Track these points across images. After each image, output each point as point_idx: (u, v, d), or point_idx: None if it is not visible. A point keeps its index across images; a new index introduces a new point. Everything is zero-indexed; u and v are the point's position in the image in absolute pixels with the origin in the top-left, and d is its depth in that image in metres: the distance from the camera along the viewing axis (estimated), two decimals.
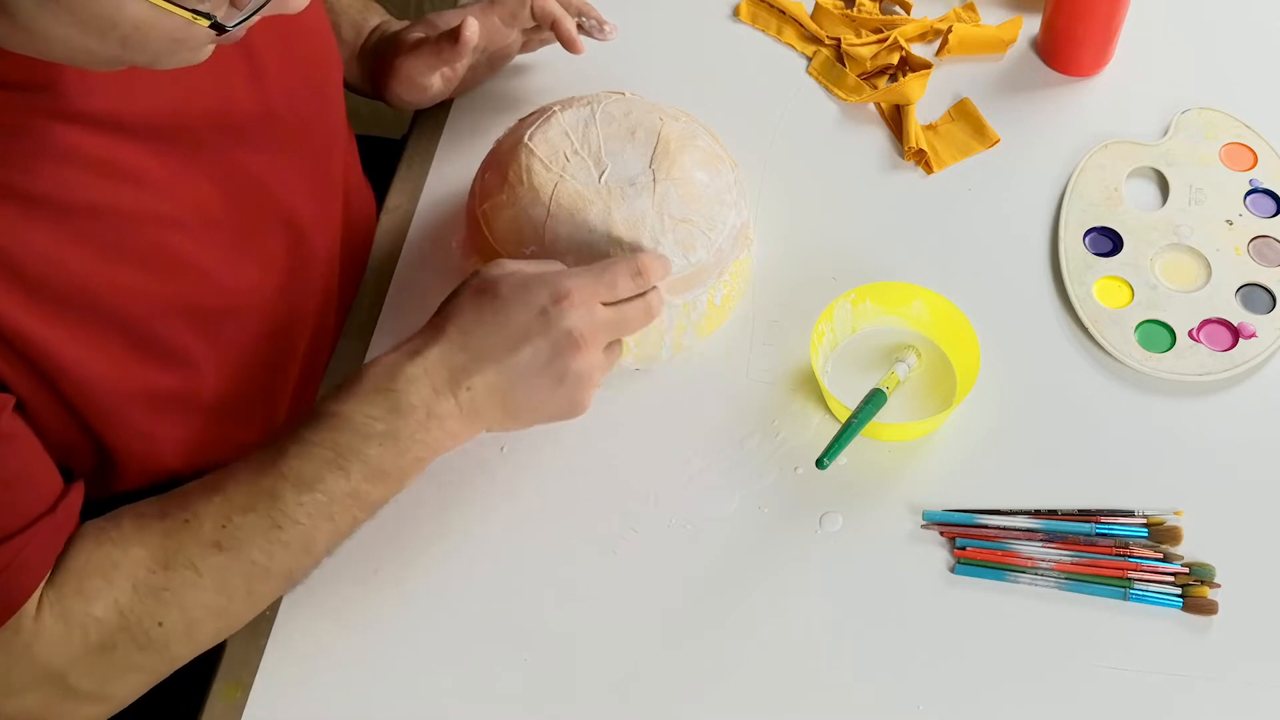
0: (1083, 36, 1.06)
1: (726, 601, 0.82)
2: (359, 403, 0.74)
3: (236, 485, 0.74)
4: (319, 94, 0.90)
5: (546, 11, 0.98)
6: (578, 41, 0.98)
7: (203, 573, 0.73)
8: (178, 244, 0.77)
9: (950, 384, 0.90)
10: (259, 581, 0.75)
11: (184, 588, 0.72)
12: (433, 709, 0.79)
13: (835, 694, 0.78)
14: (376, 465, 0.74)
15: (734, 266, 0.91)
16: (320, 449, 0.74)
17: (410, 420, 0.74)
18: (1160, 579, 0.81)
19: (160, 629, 0.72)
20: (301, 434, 0.74)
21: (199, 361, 0.80)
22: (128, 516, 0.75)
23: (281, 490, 0.73)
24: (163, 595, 0.72)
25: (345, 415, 0.74)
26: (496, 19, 0.98)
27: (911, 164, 1.03)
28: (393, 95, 1.01)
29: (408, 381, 0.74)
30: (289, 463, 0.73)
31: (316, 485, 0.73)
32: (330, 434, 0.74)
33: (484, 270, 0.78)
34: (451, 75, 0.99)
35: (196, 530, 0.73)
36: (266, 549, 0.73)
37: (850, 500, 0.85)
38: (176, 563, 0.72)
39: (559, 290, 0.74)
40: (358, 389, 0.75)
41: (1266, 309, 0.93)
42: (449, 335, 0.75)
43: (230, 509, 0.73)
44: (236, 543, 0.73)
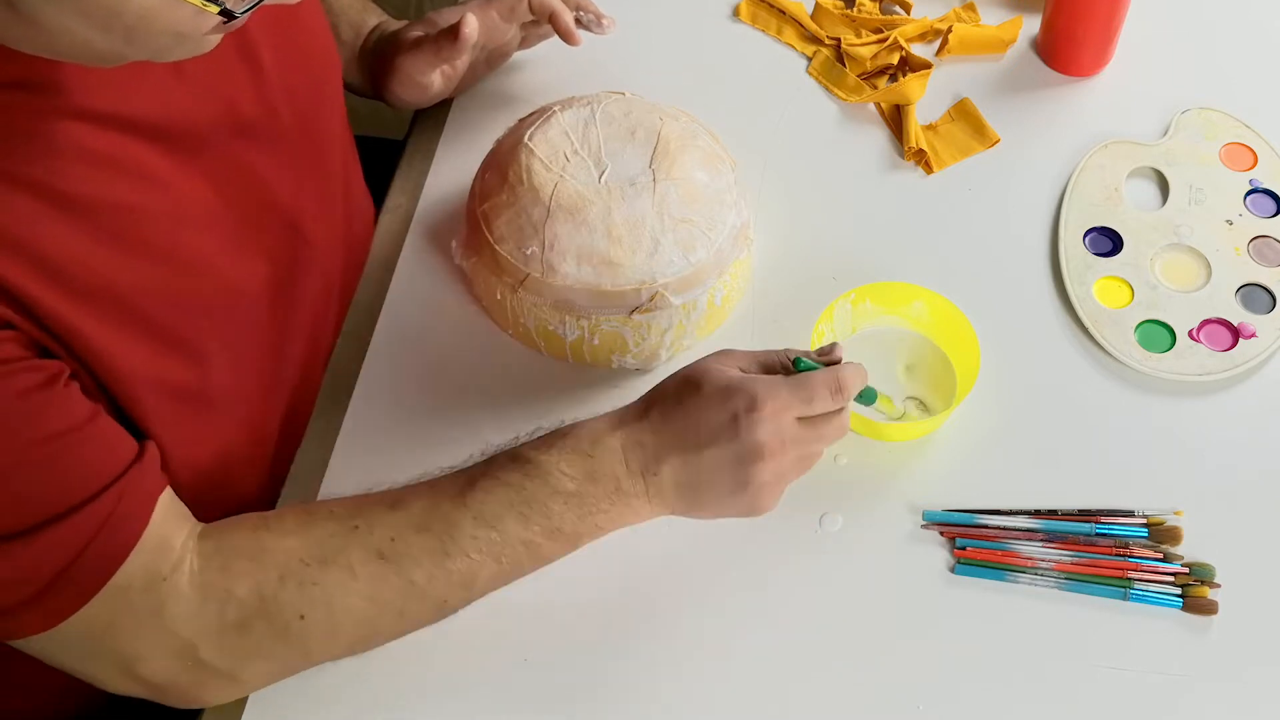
0: (1083, 36, 1.06)
1: (726, 602, 0.82)
2: (558, 456, 0.75)
3: (416, 503, 0.75)
4: (319, 93, 0.90)
5: (544, 4, 0.98)
6: (575, 33, 0.98)
7: (359, 577, 0.73)
8: (187, 239, 0.77)
9: (950, 384, 0.90)
10: (413, 601, 0.75)
11: (335, 587, 0.73)
12: (432, 709, 0.79)
13: (835, 694, 0.78)
14: (557, 522, 0.75)
15: (734, 266, 0.91)
16: (509, 490, 0.74)
17: (599, 488, 0.75)
18: (1160, 579, 0.81)
19: (301, 622, 0.73)
20: (494, 471, 0.75)
21: (210, 355, 0.80)
22: (293, 511, 0.76)
23: (460, 519, 0.74)
24: (311, 590, 0.72)
25: (542, 465, 0.75)
26: (495, 15, 0.98)
27: (911, 164, 1.03)
28: (392, 94, 1.01)
29: (605, 451, 0.75)
30: (475, 495, 0.74)
31: (495, 524, 0.74)
32: (522, 478, 0.74)
33: (706, 358, 0.78)
34: (451, 73, 0.99)
35: (364, 537, 0.73)
36: (429, 572, 0.74)
37: (850, 500, 0.85)
38: (334, 560, 0.73)
39: (754, 400, 0.74)
40: (560, 444, 0.76)
41: (1266, 309, 0.93)
42: (650, 416, 0.76)
43: (404, 525, 0.74)
44: (401, 558, 0.73)
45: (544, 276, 0.87)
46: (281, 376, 0.89)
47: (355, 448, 0.89)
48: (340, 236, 0.95)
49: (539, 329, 0.90)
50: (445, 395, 0.91)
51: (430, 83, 0.99)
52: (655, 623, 0.81)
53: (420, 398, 0.91)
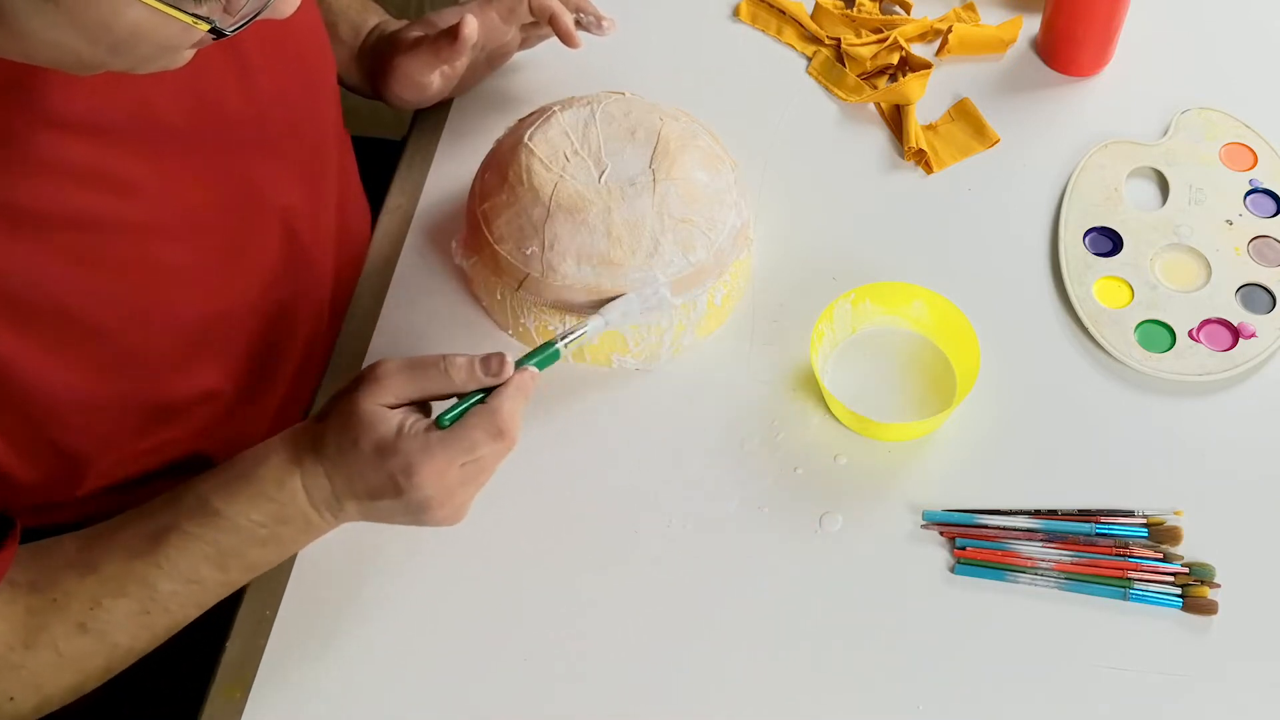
0: (1083, 36, 1.06)
1: (726, 601, 0.82)
2: (246, 505, 0.73)
3: (110, 566, 0.73)
4: (311, 93, 0.90)
5: (544, 6, 0.97)
6: (575, 35, 0.98)
7: (64, 654, 0.72)
8: (160, 251, 0.76)
9: (950, 384, 0.90)
10: (119, 661, 0.74)
11: (42, 668, 0.72)
12: (432, 709, 0.79)
13: (835, 694, 0.78)
14: (256, 561, 0.75)
15: (734, 266, 0.91)
16: (201, 544, 0.73)
17: (292, 527, 0.74)
18: (1160, 579, 0.81)
19: (11, 704, 0.72)
20: (183, 525, 0.73)
21: (184, 369, 0.79)
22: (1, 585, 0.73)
23: (156, 579, 0.73)
24: (20, 673, 0.71)
25: (231, 518, 0.73)
26: (495, 16, 0.98)
27: (911, 164, 1.03)
28: (392, 95, 1.01)
29: (289, 494, 0.74)
30: (166, 552, 0.73)
31: (192, 577, 0.73)
32: (213, 532, 0.73)
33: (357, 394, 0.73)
34: (451, 74, 0.99)
35: (64, 610, 0.72)
36: (132, 633, 0.73)
37: (850, 500, 0.85)
38: (38, 642, 0.71)
39: (409, 466, 0.71)
40: (245, 490, 0.73)
41: (1266, 309, 0.93)
42: (321, 458, 0.74)
43: (101, 592, 0.72)
44: (103, 626, 0.72)
45: (544, 276, 0.87)
46: (274, 377, 0.89)
47: None
48: (333, 237, 0.94)
49: (539, 329, 0.90)
50: None
51: (429, 83, 0.99)
52: (655, 622, 0.82)
53: None
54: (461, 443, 0.72)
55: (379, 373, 0.73)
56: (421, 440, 0.71)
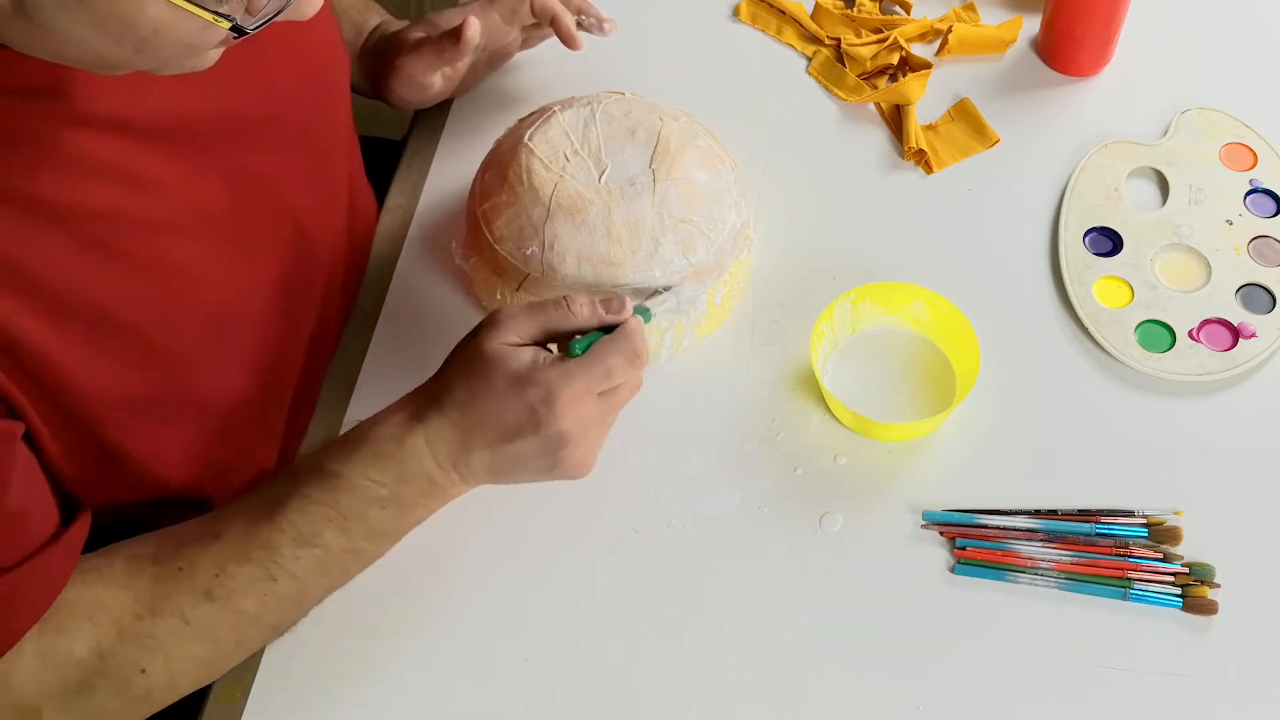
0: (1083, 36, 1.06)
1: (726, 601, 0.82)
2: (363, 465, 0.74)
3: (232, 533, 0.73)
4: (325, 95, 0.90)
5: (546, 8, 0.98)
6: (577, 37, 0.98)
7: (191, 622, 0.72)
8: (180, 249, 0.76)
9: (950, 384, 0.90)
10: (249, 631, 0.74)
11: (170, 636, 0.72)
12: (432, 709, 0.79)
13: (835, 694, 0.78)
14: (379, 527, 0.75)
15: (734, 266, 0.91)
16: (322, 506, 0.73)
17: (412, 487, 0.74)
18: (1160, 579, 0.81)
19: (142, 676, 0.72)
20: (302, 489, 0.73)
21: (202, 366, 0.80)
22: (120, 557, 0.74)
23: (279, 543, 0.73)
24: (148, 642, 0.71)
25: (349, 478, 0.73)
26: (497, 17, 0.98)
27: (911, 164, 1.03)
28: (393, 95, 1.01)
29: (410, 452, 0.74)
30: (288, 516, 0.73)
31: (315, 541, 0.73)
32: (333, 494, 0.73)
33: (480, 338, 0.74)
34: (453, 74, 0.99)
35: (189, 578, 0.72)
36: (259, 600, 0.73)
37: (850, 500, 0.85)
38: (165, 610, 0.72)
39: (549, 393, 0.72)
40: (361, 451, 0.74)
41: (1266, 309, 0.93)
42: (446, 409, 0.74)
43: (225, 558, 0.72)
44: (229, 593, 0.72)
45: (544, 276, 0.87)
46: (283, 380, 0.89)
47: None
48: (344, 237, 0.95)
49: None
50: None
51: (431, 84, 0.99)
52: (655, 622, 0.82)
53: None
54: (598, 367, 0.73)
55: (499, 317, 0.74)
56: (559, 368, 0.72)
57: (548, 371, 0.72)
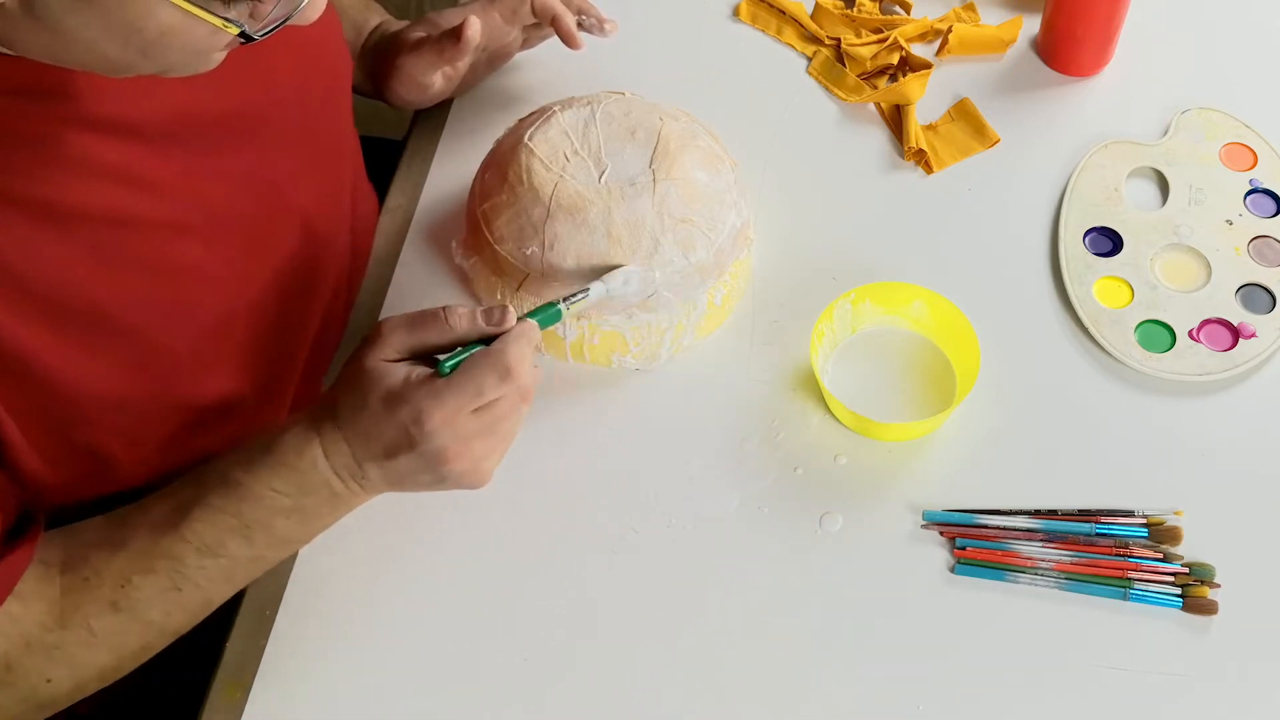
0: (1083, 36, 1.06)
1: (726, 601, 0.82)
2: (267, 474, 0.73)
3: (136, 542, 0.73)
4: (329, 94, 0.91)
5: (547, 7, 0.98)
6: (577, 37, 0.98)
7: (97, 633, 0.72)
8: (184, 250, 0.77)
9: (950, 384, 0.90)
10: (152, 638, 0.75)
11: (77, 647, 0.72)
12: (432, 709, 0.79)
13: (835, 694, 0.78)
14: (283, 535, 0.75)
15: (734, 266, 0.91)
16: (225, 516, 0.73)
17: (315, 498, 0.74)
18: (1160, 579, 0.81)
19: (48, 685, 0.72)
20: (206, 499, 0.73)
21: (204, 366, 0.80)
22: (33, 570, 0.73)
23: (183, 553, 0.73)
24: (54, 654, 0.72)
25: (252, 488, 0.73)
26: (497, 16, 0.98)
27: (911, 164, 1.03)
28: (393, 94, 1.01)
29: (310, 463, 0.73)
30: (192, 526, 0.72)
31: (219, 550, 0.73)
32: (236, 504, 0.73)
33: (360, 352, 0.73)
34: (453, 74, 0.99)
35: (96, 589, 0.72)
36: (164, 610, 0.73)
37: (850, 500, 0.85)
38: (73, 622, 0.72)
39: (418, 413, 0.70)
40: (265, 459, 0.73)
41: (1266, 309, 0.93)
42: (338, 423, 0.73)
43: (130, 569, 0.72)
44: (134, 604, 0.72)
45: (544, 277, 0.87)
46: (286, 377, 0.89)
47: None
48: (347, 236, 0.95)
49: None
50: None
51: (431, 83, 0.99)
52: (655, 622, 0.82)
53: None
54: (468, 385, 0.71)
55: (381, 330, 0.73)
56: (428, 387, 0.70)
57: (417, 391, 0.71)
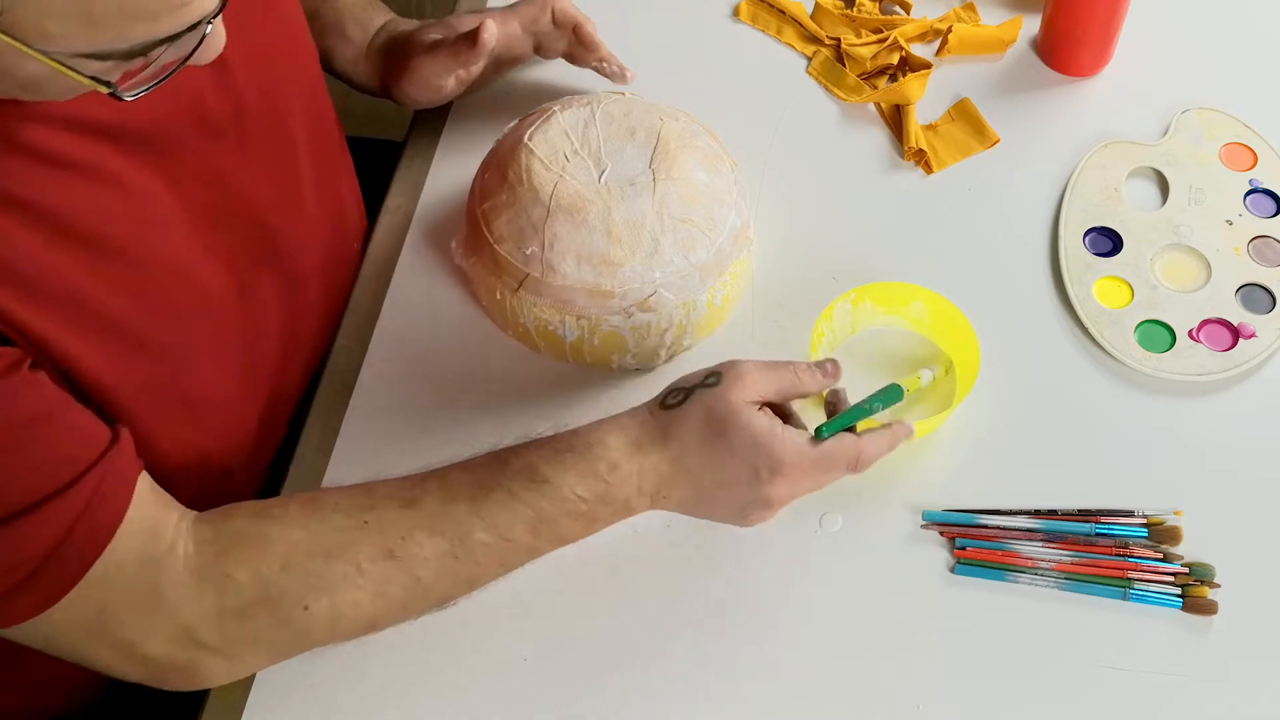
0: (1083, 36, 1.06)
1: (726, 602, 0.82)
2: (574, 478, 0.75)
3: (428, 503, 0.75)
4: (291, 88, 0.89)
5: (568, 17, 0.98)
6: (601, 45, 0.99)
7: (365, 574, 0.73)
8: (153, 241, 0.76)
9: (950, 384, 0.90)
10: (417, 598, 0.75)
11: (340, 581, 0.73)
12: (432, 709, 0.79)
13: (835, 694, 0.78)
14: (565, 533, 0.77)
15: (734, 266, 0.91)
16: (523, 506, 0.75)
17: (609, 508, 0.77)
18: (1160, 579, 0.81)
19: (305, 613, 0.73)
20: (507, 482, 0.75)
21: (184, 355, 0.80)
22: (297, 501, 0.75)
23: (473, 526, 0.74)
24: (315, 581, 0.73)
25: (558, 487, 0.75)
26: (517, 25, 0.99)
27: (911, 164, 1.03)
28: (404, 94, 1.01)
29: (621, 478, 0.76)
30: (489, 506, 0.74)
31: (506, 534, 0.75)
32: (538, 497, 0.75)
33: (728, 394, 0.76)
34: (466, 77, 0.99)
35: (375, 533, 0.74)
36: (437, 572, 0.74)
37: (850, 500, 0.85)
38: (341, 555, 0.73)
39: (779, 464, 0.75)
40: (576, 464, 0.75)
41: (1266, 309, 0.93)
42: (672, 452, 0.76)
43: (415, 525, 0.74)
44: (411, 558, 0.74)
45: (544, 276, 0.87)
46: (256, 375, 0.88)
47: (354, 448, 0.89)
48: (316, 233, 0.93)
49: (539, 329, 0.90)
50: (445, 396, 0.91)
51: (444, 85, 0.99)
52: (655, 622, 0.82)
53: (420, 398, 0.91)
54: (828, 461, 0.77)
55: (741, 370, 0.77)
56: (797, 446, 0.76)
57: (785, 445, 0.76)
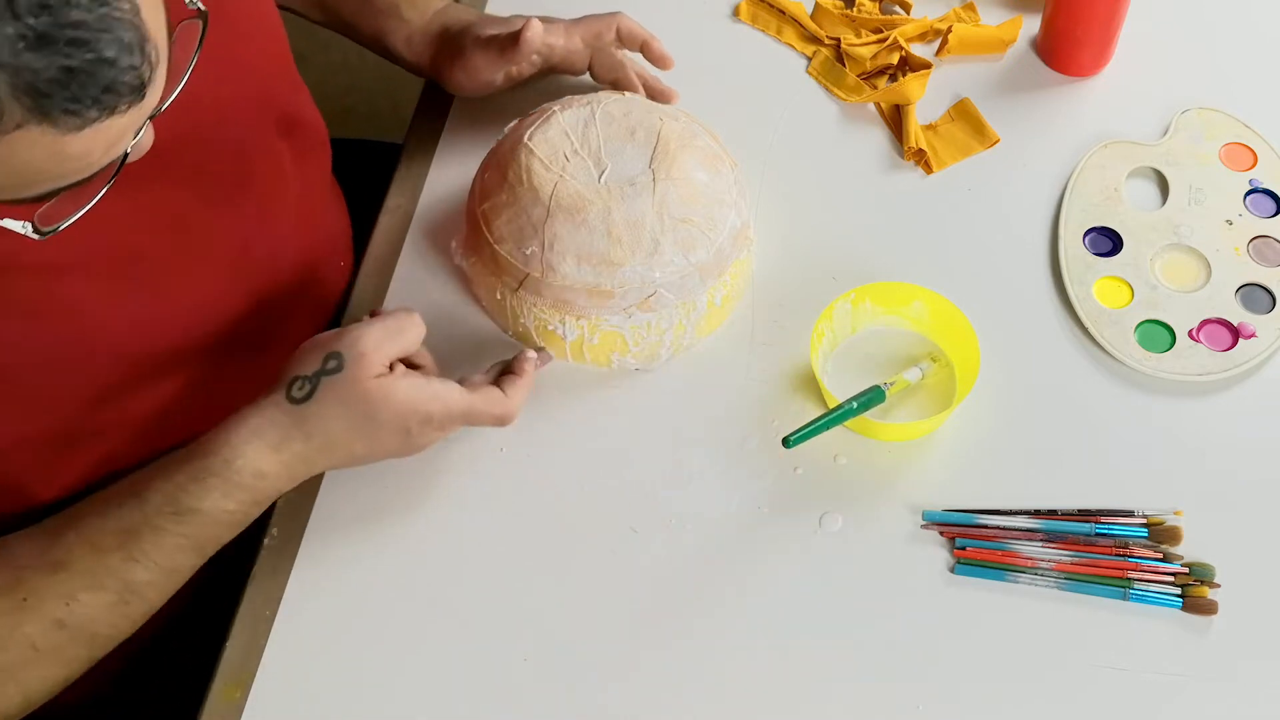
0: (1083, 36, 1.06)
1: (726, 601, 0.82)
2: (221, 498, 0.74)
3: (79, 562, 0.72)
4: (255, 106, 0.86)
5: (634, 35, 0.99)
6: (669, 57, 1.00)
7: (42, 649, 0.72)
8: (76, 289, 0.74)
9: (950, 384, 0.90)
10: (100, 648, 0.75)
11: (20, 665, 0.72)
12: (432, 709, 0.79)
13: (835, 694, 0.78)
14: (225, 540, 0.76)
15: (734, 266, 0.91)
16: (178, 538, 0.74)
17: (262, 505, 0.77)
18: (1160, 579, 0.81)
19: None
20: (156, 521, 0.73)
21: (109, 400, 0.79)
22: None
23: (132, 572, 0.73)
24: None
25: (208, 514, 0.74)
26: (579, 39, 0.99)
27: (911, 164, 1.03)
28: (453, 81, 1.01)
29: (269, 480, 0.75)
30: (141, 547, 0.73)
31: (168, 565, 0.74)
32: (190, 528, 0.74)
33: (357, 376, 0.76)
34: (516, 75, 1.00)
35: (36, 609, 0.72)
36: (112, 622, 0.73)
37: (850, 500, 0.85)
38: (12, 643, 0.71)
39: (426, 418, 0.77)
40: (218, 484, 0.74)
41: (1266, 309, 0.93)
42: (316, 444, 0.76)
43: (74, 587, 0.72)
44: (81, 620, 0.72)
45: (544, 276, 0.87)
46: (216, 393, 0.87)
47: None
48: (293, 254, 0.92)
49: (539, 329, 0.90)
50: None
51: (494, 80, 1.00)
52: (654, 622, 0.82)
53: None
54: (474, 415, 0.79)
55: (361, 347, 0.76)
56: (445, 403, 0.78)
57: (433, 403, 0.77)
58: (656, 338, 0.90)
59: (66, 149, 0.56)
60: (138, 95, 0.56)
